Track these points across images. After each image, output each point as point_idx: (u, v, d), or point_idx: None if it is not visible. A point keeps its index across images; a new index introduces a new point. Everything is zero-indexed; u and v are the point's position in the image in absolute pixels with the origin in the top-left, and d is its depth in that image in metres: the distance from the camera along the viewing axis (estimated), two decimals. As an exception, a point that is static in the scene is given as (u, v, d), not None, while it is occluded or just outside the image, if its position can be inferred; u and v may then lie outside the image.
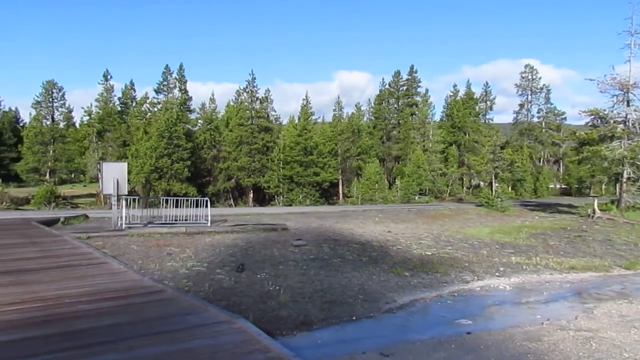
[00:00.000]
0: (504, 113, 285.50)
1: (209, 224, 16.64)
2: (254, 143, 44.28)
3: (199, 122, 48.25)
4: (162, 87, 48.35)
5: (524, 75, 63.41)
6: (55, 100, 51.90)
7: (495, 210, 29.29)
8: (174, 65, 48.24)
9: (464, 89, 60.86)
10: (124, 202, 15.76)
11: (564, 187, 62.61)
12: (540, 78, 63.45)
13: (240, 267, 10.31)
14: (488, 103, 61.59)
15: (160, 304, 6.31)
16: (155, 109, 47.80)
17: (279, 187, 43.25)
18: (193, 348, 4.62)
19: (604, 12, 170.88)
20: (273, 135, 47.15)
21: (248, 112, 46.03)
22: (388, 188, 46.17)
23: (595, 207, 26.53)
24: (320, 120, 58.82)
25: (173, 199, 18.33)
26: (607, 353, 6.31)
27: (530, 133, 62.59)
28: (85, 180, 54.99)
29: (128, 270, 8.67)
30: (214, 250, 12.35)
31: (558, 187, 63.38)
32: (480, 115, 60.40)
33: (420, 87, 57.81)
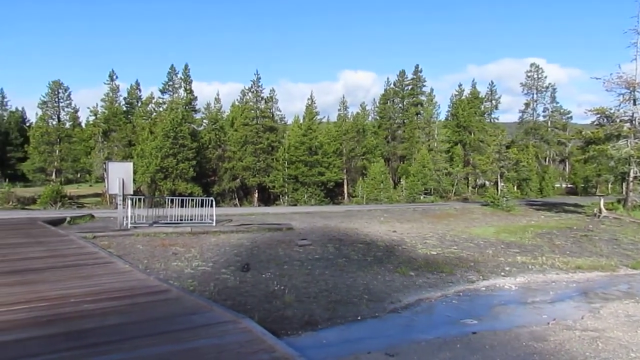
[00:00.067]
0: (510, 112, 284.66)
1: (214, 224, 16.66)
2: (259, 143, 44.31)
3: (204, 122, 48.27)
4: (167, 87, 48.46)
5: (530, 74, 63.20)
6: (61, 100, 52.32)
7: (501, 210, 29.20)
8: (179, 66, 48.34)
9: (469, 88, 60.72)
10: (130, 201, 15.80)
11: (570, 186, 62.29)
12: (546, 77, 63.31)
13: (245, 266, 10.32)
14: (493, 102, 61.28)
15: (166, 304, 6.32)
16: (161, 109, 47.90)
17: (284, 186, 43.25)
18: (198, 348, 4.63)
19: (610, 10, 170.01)
20: (278, 135, 47.13)
21: (253, 111, 46.04)
22: (393, 188, 46.09)
23: (602, 206, 26.36)
24: (325, 120, 58.79)
25: (178, 199, 18.37)
26: (613, 353, 6.27)
27: (536, 132, 62.35)
28: (91, 180, 55.28)
29: (133, 270, 8.70)
30: (219, 250, 12.37)
31: (564, 186, 63.07)
32: (486, 115, 60.13)
33: (425, 86, 57.75)
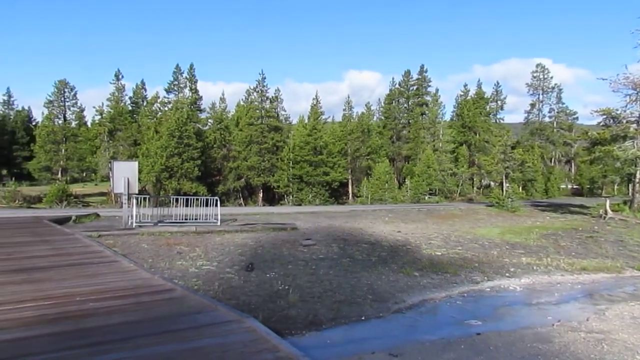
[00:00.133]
0: (515, 113, 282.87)
1: (219, 223, 16.69)
2: (264, 142, 44.37)
3: (209, 121, 48.42)
4: (172, 86, 48.63)
5: (536, 75, 63.01)
6: (67, 100, 52.70)
7: (506, 211, 29.12)
8: (185, 65, 48.71)
9: (475, 89, 60.61)
10: (135, 200, 15.86)
11: (576, 187, 62.06)
12: (552, 77, 63.19)
13: (250, 266, 10.33)
14: (499, 102, 61.14)
15: (170, 303, 6.34)
16: (166, 109, 48.13)
17: (289, 186, 43.30)
18: (202, 347, 4.64)
19: (617, 10, 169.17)
20: (283, 135, 47.18)
21: (258, 111, 46.14)
22: (398, 188, 46.02)
23: (607, 207, 26.25)
24: (330, 120, 58.89)
25: (183, 198, 18.41)
26: (618, 355, 6.24)
27: (542, 133, 62.12)
28: (97, 179, 55.61)
29: (138, 269, 8.73)
30: (224, 250, 12.38)
31: (569, 187, 62.85)
32: (491, 115, 59.95)
33: (431, 86, 57.71)
